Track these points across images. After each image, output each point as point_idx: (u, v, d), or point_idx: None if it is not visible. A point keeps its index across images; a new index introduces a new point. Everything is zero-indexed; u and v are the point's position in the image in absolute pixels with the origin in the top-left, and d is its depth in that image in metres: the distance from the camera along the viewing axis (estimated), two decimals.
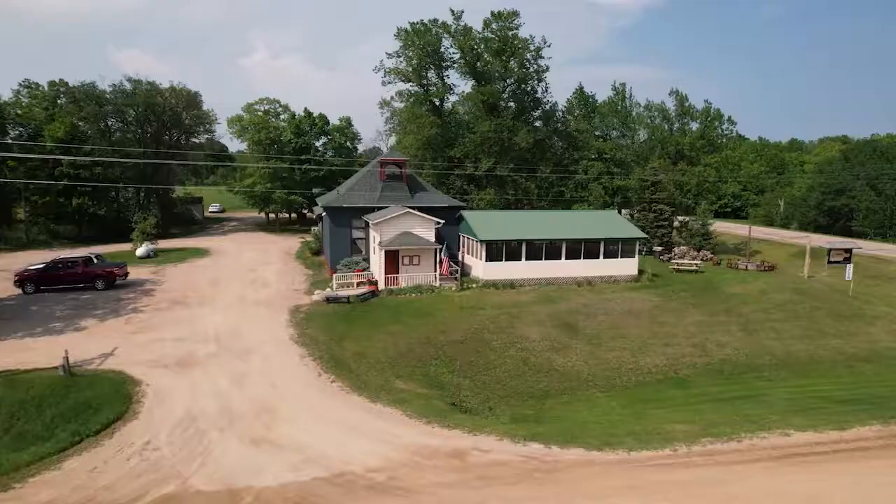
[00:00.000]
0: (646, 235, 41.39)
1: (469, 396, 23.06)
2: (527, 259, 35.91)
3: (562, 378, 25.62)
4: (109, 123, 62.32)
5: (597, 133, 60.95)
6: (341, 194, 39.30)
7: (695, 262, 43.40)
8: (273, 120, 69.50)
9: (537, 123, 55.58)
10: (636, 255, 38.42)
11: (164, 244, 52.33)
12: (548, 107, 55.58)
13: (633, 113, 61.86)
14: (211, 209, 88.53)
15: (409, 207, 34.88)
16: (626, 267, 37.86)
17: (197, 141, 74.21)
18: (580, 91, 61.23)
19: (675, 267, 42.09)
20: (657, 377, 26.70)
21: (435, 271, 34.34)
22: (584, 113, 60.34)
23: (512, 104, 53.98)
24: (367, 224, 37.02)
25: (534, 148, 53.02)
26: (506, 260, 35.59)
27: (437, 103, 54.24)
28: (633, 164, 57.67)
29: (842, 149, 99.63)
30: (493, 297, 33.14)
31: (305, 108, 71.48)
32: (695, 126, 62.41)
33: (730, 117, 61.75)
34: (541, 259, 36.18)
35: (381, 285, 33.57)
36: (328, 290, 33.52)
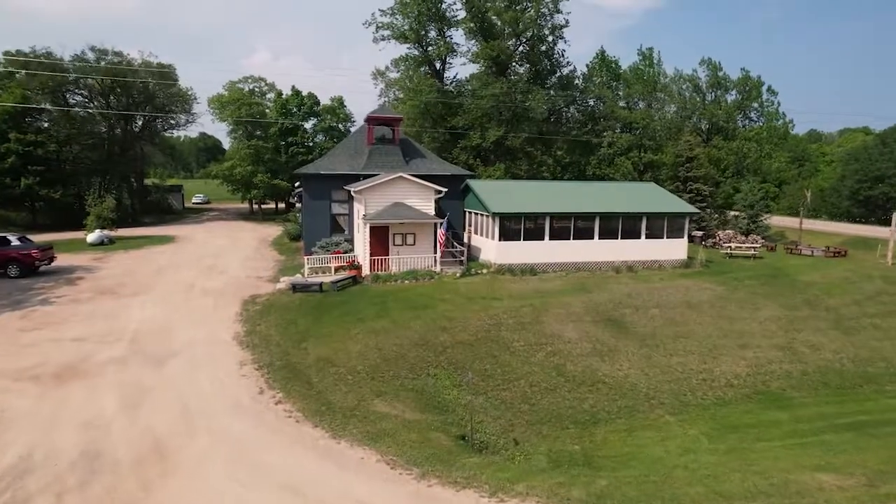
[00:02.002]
0: (697, 210, 33.85)
1: (484, 422, 15.70)
2: (551, 239, 28.52)
3: (612, 393, 18.23)
4: (68, 97, 55.02)
5: (621, 104, 53.28)
6: (320, 162, 31.96)
7: (752, 246, 35.98)
8: (258, 98, 62.55)
9: (553, 92, 48.04)
10: (685, 236, 31.04)
11: (129, 232, 45.57)
12: (566, 71, 47.99)
13: (662, 81, 54.35)
14: (194, 200, 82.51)
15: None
16: (674, 249, 30.46)
17: (173, 122, 66.77)
18: (602, 55, 53.58)
19: (729, 252, 34.74)
20: (741, 391, 19.32)
21: (435, 252, 26.94)
22: (606, 80, 52.63)
23: (525, 66, 46.43)
24: (350, 196, 29.72)
25: (550, 118, 45.52)
26: (524, 239, 28.20)
27: (438, 66, 46.78)
28: (663, 137, 50.11)
29: (878, 133, 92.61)
30: (509, 284, 25.74)
31: (293, 87, 64.63)
32: (730, 98, 55.04)
33: (770, 87, 54.36)
34: (568, 239, 28.77)
35: (366, 270, 26.19)
36: (297, 276, 26.21)
